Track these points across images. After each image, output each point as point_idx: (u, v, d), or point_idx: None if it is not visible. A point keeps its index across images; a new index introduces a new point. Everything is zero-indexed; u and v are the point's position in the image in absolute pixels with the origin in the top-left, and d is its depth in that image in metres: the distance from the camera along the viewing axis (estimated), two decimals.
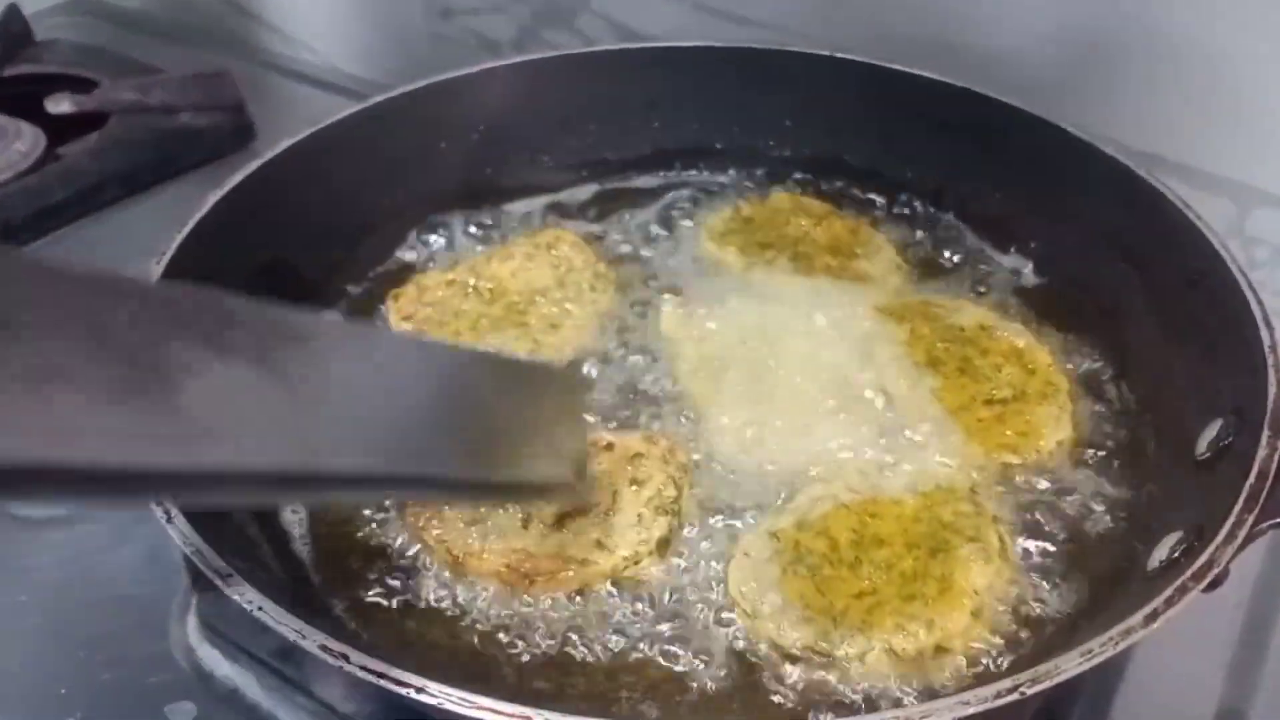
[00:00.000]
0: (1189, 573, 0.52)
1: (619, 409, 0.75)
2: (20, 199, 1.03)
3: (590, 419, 0.73)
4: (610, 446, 0.69)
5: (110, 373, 0.30)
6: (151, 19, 1.48)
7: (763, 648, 0.61)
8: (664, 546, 0.64)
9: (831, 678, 0.59)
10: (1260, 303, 0.66)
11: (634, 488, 0.66)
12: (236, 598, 0.50)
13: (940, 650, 0.59)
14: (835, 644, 0.59)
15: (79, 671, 0.68)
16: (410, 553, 0.66)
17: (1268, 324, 0.65)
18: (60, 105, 1.13)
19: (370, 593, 0.65)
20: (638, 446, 0.69)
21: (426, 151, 0.90)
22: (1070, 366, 0.77)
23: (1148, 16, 0.86)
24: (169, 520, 0.54)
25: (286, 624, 0.49)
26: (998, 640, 0.61)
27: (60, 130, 1.12)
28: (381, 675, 0.46)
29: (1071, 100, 0.89)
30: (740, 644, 0.61)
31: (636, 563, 0.63)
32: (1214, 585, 0.53)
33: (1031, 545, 0.66)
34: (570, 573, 0.63)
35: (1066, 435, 0.72)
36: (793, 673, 0.60)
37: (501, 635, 0.62)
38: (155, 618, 0.71)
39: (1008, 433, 0.71)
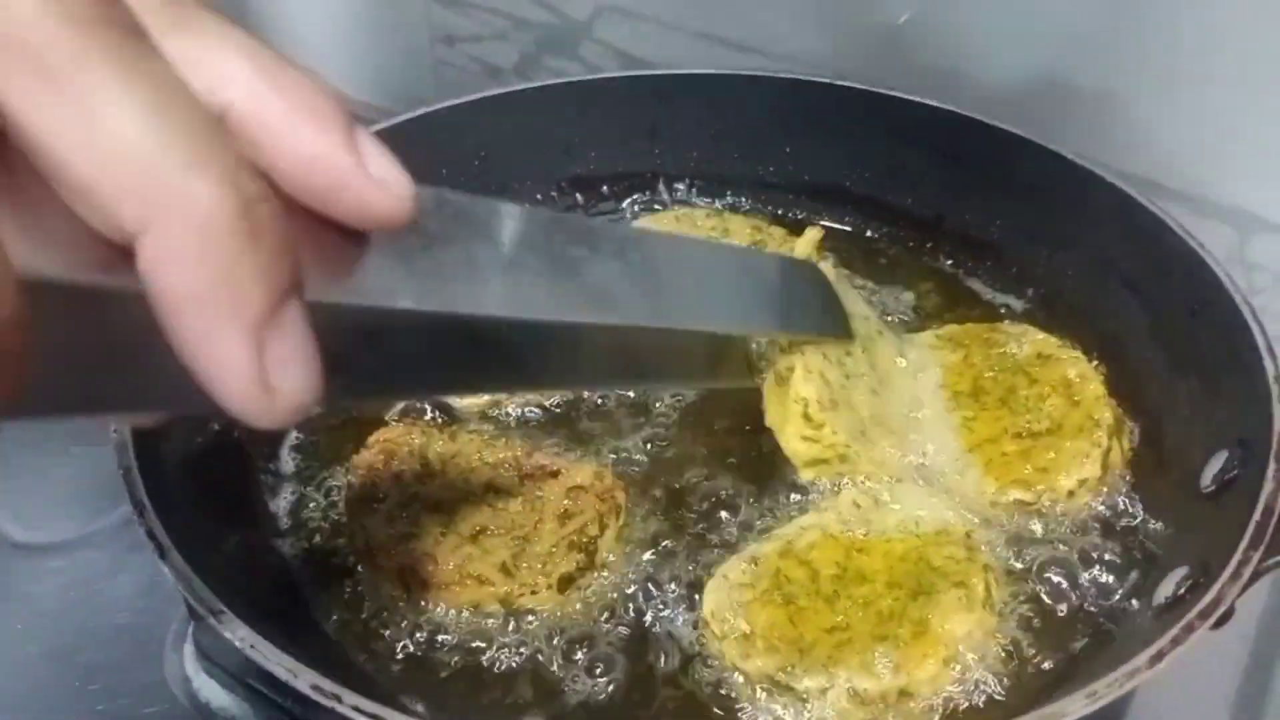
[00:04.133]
0: (1195, 611, 0.51)
1: (622, 444, 0.74)
2: None
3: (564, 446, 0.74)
4: (556, 474, 0.69)
5: (543, 263, 0.39)
6: None
7: (729, 674, 0.60)
8: (566, 583, 0.64)
9: (794, 712, 0.58)
10: (1264, 332, 0.65)
11: (559, 519, 0.66)
12: (229, 635, 0.50)
13: (904, 695, 0.58)
14: (796, 677, 0.58)
15: (75, 701, 0.68)
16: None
17: (1271, 354, 0.64)
18: None
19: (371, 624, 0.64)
20: (582, 479, 0.69)
21: (427, 178, 0.90)
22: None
23: (1144, 43, 0.87)
24: (162, 556, 0.54)
25: (279, 663, 0.48)
26: (971, 690, 0.59)
27: None
28: (375, 717, 0.46)
29: (1069, 127, 0.88)
30: (706, 670, 0.61)
31: (534, 593, 0.63)
32: (1220, 623, 0.52)
33: (1024, 592, 0.64)
34: (465, 588, 0.63)
35: (1092, 475, 0.68)
36: (760, 703, 0.59)
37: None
38: (152, 647, 0.70)
39: (1028, 469, 0.69)
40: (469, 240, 0.36)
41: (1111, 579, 0.65)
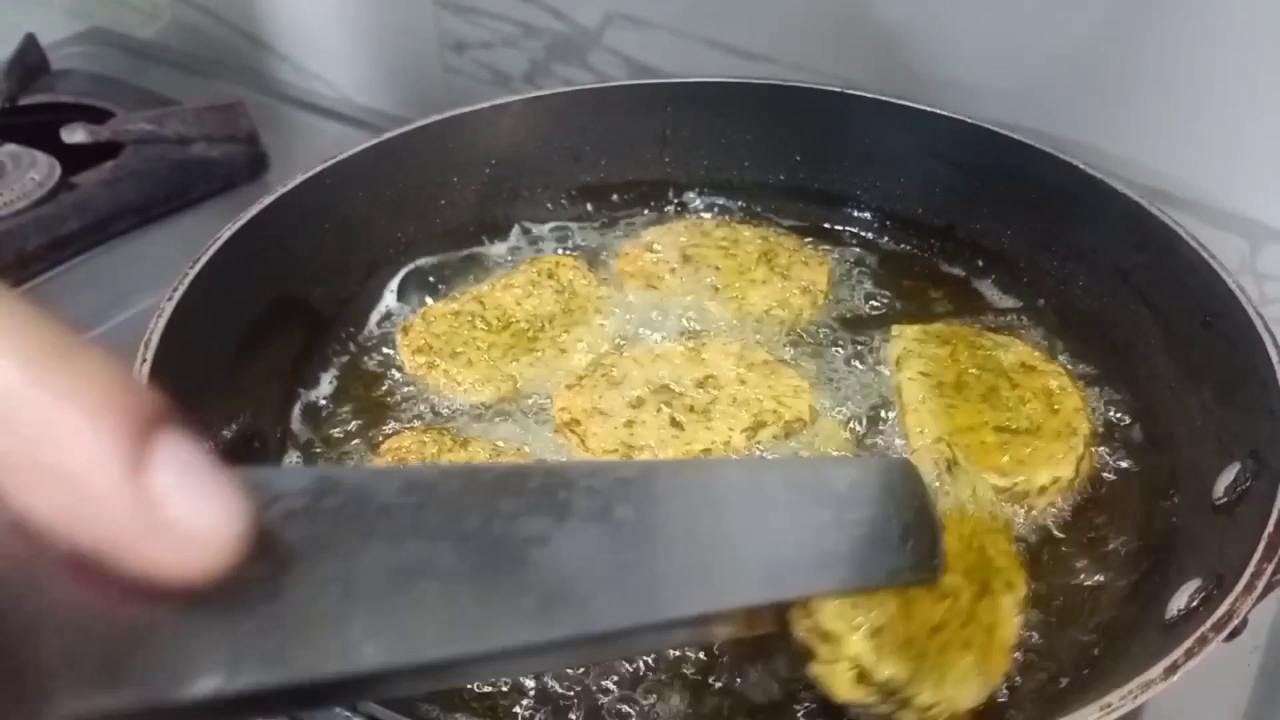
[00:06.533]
0: (1209, 623, 0.51)
1: None
2: (34, 228, 1.03)
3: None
4: None
5: (468, 560, 0.30)
6: (166, 50, 1.50)
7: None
8: None
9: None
10: (1276, 344, 0.65)
11: None
12: None
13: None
14: (917, 686, 0.46)
15: None
16: None
17: None
18: (75, 135, 1.14)
19: None
20: None
21: (438, 186, 0.91)
22: (1095, 413, 0.76)
23: (1154, 52, 0.86)
24: None
25: None
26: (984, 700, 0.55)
27: (75, 160, 1.12)
28: None
29: (1079, 136, 0.89)
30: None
31: None
32: (1234, 635, 0.52)
33: (1036, 601, 0.64)
34: None
35: (1065, 476, 0.69)
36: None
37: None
38: None
39: (1005, 458, 0.69)
40: (349, 551, 0.28)
41: (1123, 590, 0.65)
